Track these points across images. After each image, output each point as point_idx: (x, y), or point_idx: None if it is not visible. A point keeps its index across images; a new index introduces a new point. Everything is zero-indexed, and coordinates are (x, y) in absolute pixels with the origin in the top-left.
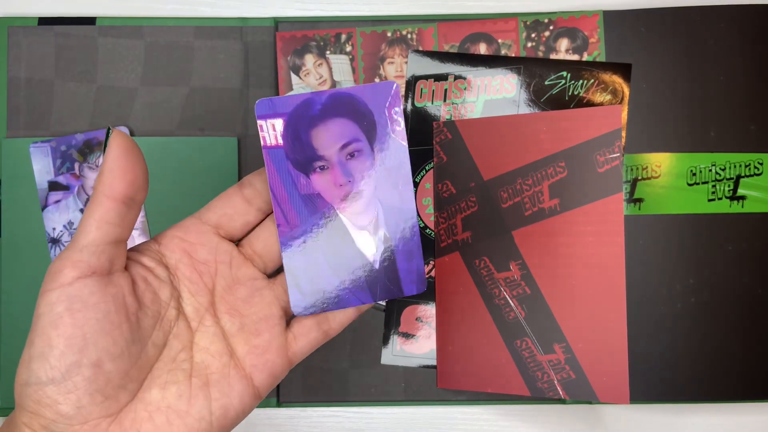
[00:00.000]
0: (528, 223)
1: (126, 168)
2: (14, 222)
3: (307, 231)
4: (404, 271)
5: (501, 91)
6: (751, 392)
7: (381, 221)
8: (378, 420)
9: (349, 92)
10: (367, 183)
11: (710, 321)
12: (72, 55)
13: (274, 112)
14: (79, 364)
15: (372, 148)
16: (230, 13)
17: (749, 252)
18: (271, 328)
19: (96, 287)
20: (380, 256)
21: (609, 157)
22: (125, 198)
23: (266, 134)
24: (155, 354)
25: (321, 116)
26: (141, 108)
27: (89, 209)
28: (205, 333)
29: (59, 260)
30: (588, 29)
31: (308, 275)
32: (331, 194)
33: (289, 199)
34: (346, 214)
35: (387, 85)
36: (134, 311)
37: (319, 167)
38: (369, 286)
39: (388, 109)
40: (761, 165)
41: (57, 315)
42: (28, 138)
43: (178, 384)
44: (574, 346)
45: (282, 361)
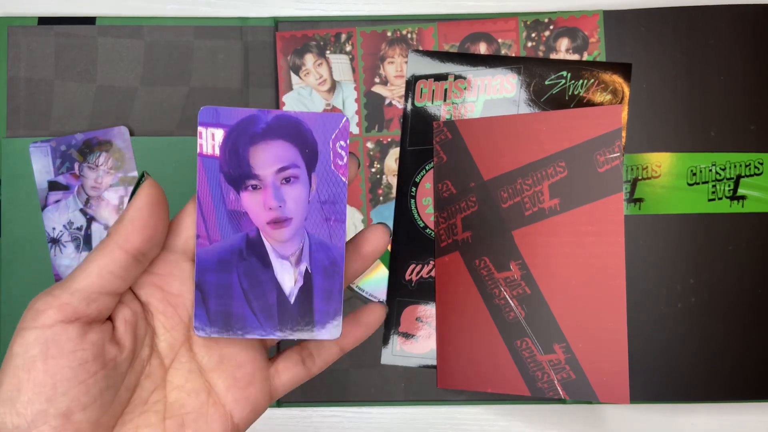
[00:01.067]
0: (528, 223)
1: (147, 222)
2: (14, 222)
3: (226, 249)
4: (320, 313)
5: (501, 91)
6: (751, 392)
7: (305, 255)
8: (378, 420)
9: (297, 117)
10: (297, 212)
11: (710, 321)
12: (72, 55)
13: (217, 122)
14: (46, 413)
15: (309, 177)
16: (230, 13)
17: (749, 252)
18: (253, 360)
19: (76, 333)
20: (297, 290)
21: (609, 157)
22: (137, 253)
23: (204, 142)
24: (127, 398)
25: (263, 135)
26: (141, 108)
27: (96, 253)
28: (179, 369)
29: (45, 297)
30: (588, 29)
31: (218, 295)
32: (258, 216)
33: (214, 212)
34: (271, 239)
35: (336, 117)
36: (112, 357)
37: (252, 186)
38: (279, 320)
39: (332, 142)
40: (761, 165)
41: (30, 358)
42: (28, 138)
43: (151, 427)
44: (574, 346)
45: (264, 396)
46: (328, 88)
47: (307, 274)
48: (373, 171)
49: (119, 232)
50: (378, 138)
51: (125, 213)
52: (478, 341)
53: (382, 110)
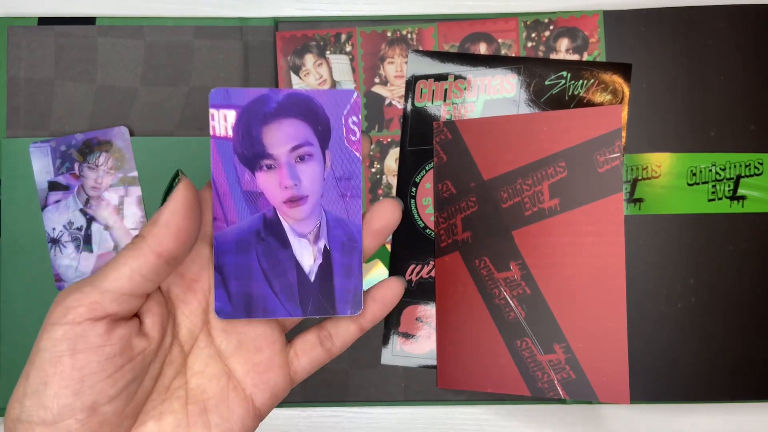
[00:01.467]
0: (528, 223)
1: (183, 227)
2: (14, 222)
3: (244, 230)
4: (341, 289)
5: (501, 91)
6: (751, 392)
7: (323, 232)
8: (378, 420)
9: (308, 94)
10: (313, 189)
11: (710, 321)
12: (72, 55)
13: (229, 103)
14: (72, 407)
15: (323, 154)
16: (230, 13)
17: (749, 252)
18: (272, 344)
19: (103, 329)
20: (317, 268)
21: (609, 157)
22: (170, 257)
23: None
24: (150, 386)
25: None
26: (141, 108)
27: (128, 254)
28: (199, 355)
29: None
30: (588, 29)
31: (238, 276)
32: (274, 195)
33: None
34: (288, 218)
35: (347, 93)
36: (140, 351)
37: (266, 165)
38: (301, 298)
39: (345, 118)
40: (761, 165)
41: (58, 353)
42: (28, 138)
43: (174, 414)
44: (574, 346)
45: (284, 380)
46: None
47: (325, 251)
48: (373, 171)
49: (154, 235)
50: (378, 138)
51: (160, 215)
52: (478, 341)
53: (382, 110)
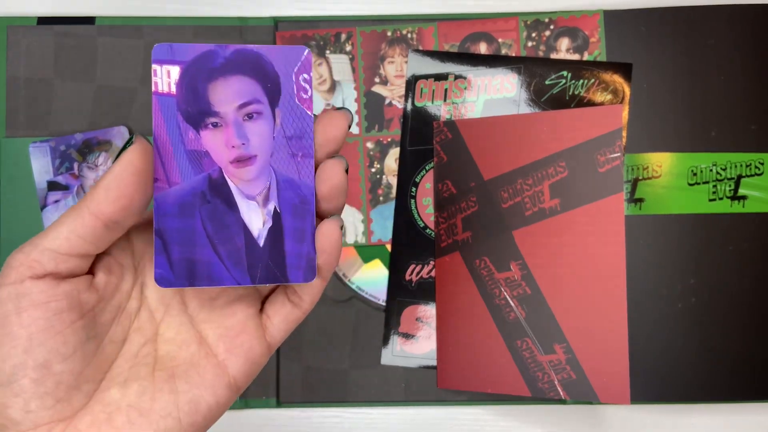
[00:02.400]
0: (528, 223)
1: (123, 192)
2: (13, 222)
3: (187, 192)
4: (292, 255)
5: (501, 91)
6: (751, 392)
7: (273, 193)
8: (378, 420)
9: (257, 50)
10: (262, 149)
11: (711, 321)
12: (71, 55)
13: (173, 59)
14: (24, 365)
15: (273, 112)
16: (230, 13)
17: (750, 252)
18: (246, 308)
19: (47, 285)
20: (266, 232)
21: (610, 157)
22: (109, 221)
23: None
24: (114, 351)
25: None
26: (141, 108)
27: (67, 214)
28: (170, 323)
29: (17, 254)
30: (588, 29)
31: (181, 241)
32: (220, 155)
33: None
34: (235, 179)
35: (298, 50)
36: (91, 307)
37: (212, 123)
38: (249, 265)
39: (295, 75)
40: (762, 165)
41: (4, 314)
42: (28, 137)
43: (139, 380)
44: (574, 346)
45: (260, 344)
46: (328, 88)
47: (275, 213)
48: (373, 171)
49: (92, 197)
50: (378, 138)
51: (103, 177)
52: (478, 342)
53: (382, 110)
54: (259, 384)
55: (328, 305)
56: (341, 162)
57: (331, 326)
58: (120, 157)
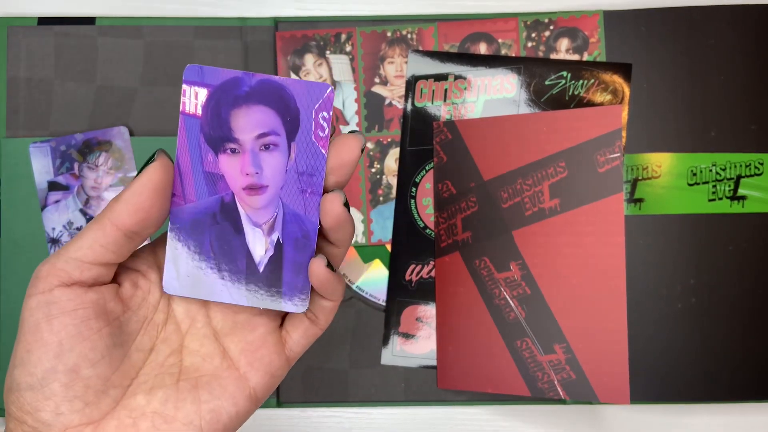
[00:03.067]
0: (528, 223)
1: (142, 206)
2: (14, 222)
3: (200, 210)
4: (288, 285)
5: (501, 91)
6: (751, 392)
7: (278, 224)
8: (378, 420)
9: (281, 83)
10: (274, 180)
11: (710, 321)
12: (72, 55)
13: (202, 81)
14: (55, 370)
15: (289, 146)
16: (230, 13)
17: (750, 252)
18: (267, 323)
19: (75, 294)
20: (267, 260)
21: (609, 157)
22: (128, 231)
23: (187, 100)
24: (141, 359)
25: (246, 98)
26: (141, 108)
27: (91, 225)
28: (195, 335)
29: (44, 265)
30: (588, 29)
31: (189, 255)
32: (234, 180)
33: (191, 173)
34: (245, 205)
35: (321, 87)
36: (117, 316)
37: (230, 149)
38: (246, 287)
39: (315, 112)
40: (762, 165)
41: (35, 322)
42: (28, 138)
43: (164, 388)
44: (574, 346)
45: (279, 358)
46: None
47: (278, 244)
48: (373, 171)
49: (113, 209)
50: (378, 138)
51: (124, 191)
52: (478, 341)
53: (382, 110)
54: None
55: None
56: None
57: (331, 326)
58: (141, 173)
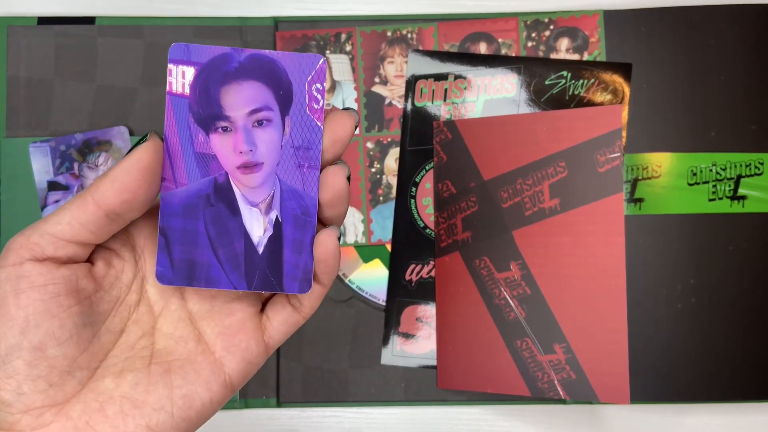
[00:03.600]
0: (528, 223)
1: (128, 186)
2: (13, 222)
3: (193, 193)
4: (289, 265)
5: (501, 91)
6: (751, 392)
7: (276, 202)
8: (378, 420)
9: (271, 56)
10: (269, 157)
11: (710, 321)
12: (71, 55)
13: (188, 60)
14: (19, 346)
15: (283, 121)
16: (230, 13)
17: (750, 252)
18: (246, 307)
19: (46, 269)
20: (266, 240)
21: (609, 157)
22: (110, 212)
23: (174, 80)
24: (111, 341)
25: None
26: (141, 108)
27: (71, 201)
28: (169, 317)
29: (18, 237)
30: (588, 29)
31: (183, 241)
32: (228, 159)
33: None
34: (240, 185)
35: (313, 58)
36: (88, 294)
37: (222, 128)
38: (246, 271)
39: (308, 84)
40: (762, 165)
41: (2, 295)
42: (28, 138)
43: (135, 372)
44: (574, 346)
45: (257, 344)
46: (328, 88)
47: (277, 222)
48: (373, 171)
49: (98, 186)
50: (378, 138)
51: (111, 169)
52: (478, 341)
53: (382, 110)
54: (259, 384)
55: (328, 305)
56: (343, 169)
57: (331, 326)
58: (131, 152)
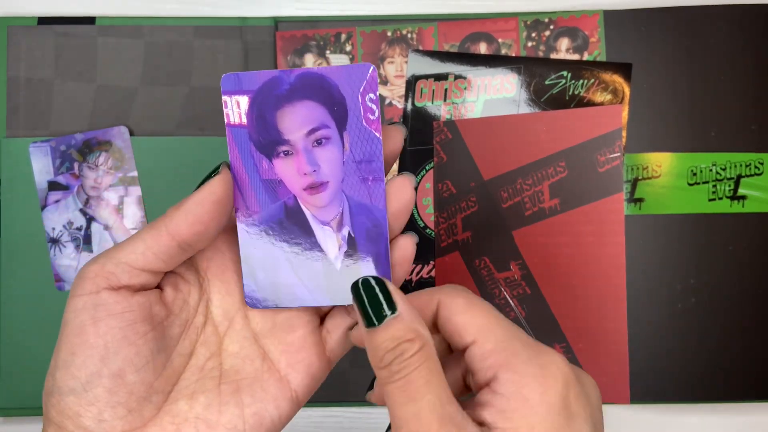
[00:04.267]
0: (528, 223)
1: (201, 219)
2: (14, 222)
3: (266, 219)
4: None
5: (501, 91)
6: (751, 392)
7: (346, 218)
8: (378, 420)
9: (321, 73)
10: (333, 174)
11: (710, 321)
12: (71, 55)
13: (240, 89)
14: (99, 374)
15: (341, 137)
16: (230, 13)
17: (750, 252)
18: (306, 323)
19: (122, 297)
20: (343, 256)
21: (609, 157)
22: (183, 243)
23: (230, 111)
24: (182, 363)
25: (288, 96)
26: (141, 108)
27: (147, 231)
28: (234, 337)
29: (92, 265)
30: (588, 29)
31: (265, 266)
32: (293, 183)
33: (249, 183)
34: (309, 206)
35: (363, 68)
36: (161, 320)
37: (283, 152)
38: (328, 287)
39: (362, 95)
40: (762, 165)
41: (80, 323)
42: (28, 138)
43: (206, 393)
44: (574, 346)
45: (319, 360)
46: None
47: (350, 238)
48: None
49: (172, 218)
50: None
51: (185, 201)
52: None
53: (382, 110)
54: None
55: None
56: (411, 179)
57: None
58: (204, 185)
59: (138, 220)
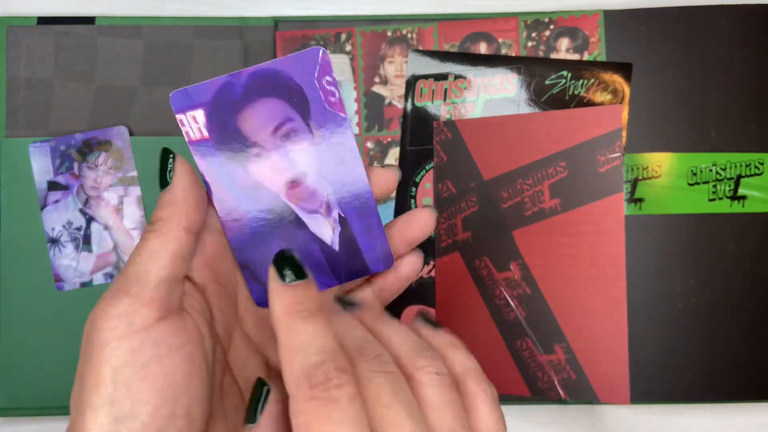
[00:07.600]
0: (528, 223)
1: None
2: (13, 222)
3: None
4: (367, 249)
5: (501, 91)
6: (751, 392)
7: (333, 202)
8: None
9: (271, 67)
10: (309, 164)
11: (711, 321)
12: (71, 55)
13: (192, 104)
14: (173, 415)
15: (308, 125)
16: (230, 13)
17: (750, 252)
18: None
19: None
20: (338, 237)
21: (609, 157)
22: (198, 231)
23: (189, 129)
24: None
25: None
26: (141, 108)
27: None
28: (237, 351)
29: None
30: (588, 29)
31: (265, 266)
32: (272, 182)
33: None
34: (293, 200)
35: (313, 53)
36: (210, 348)
37: (254, 155)
38: (332, 269)
39: (318, 80)
40: (762, 165)
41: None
42: (28, 138)
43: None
44: (574, 346)
45: None
46: None
47: (341, 219)
48: None
49: (178, 212)
50: (378, 138)
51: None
52: (478, 341)
53: (382, 110)
54: None
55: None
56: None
57: None
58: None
59: (137, 220)
